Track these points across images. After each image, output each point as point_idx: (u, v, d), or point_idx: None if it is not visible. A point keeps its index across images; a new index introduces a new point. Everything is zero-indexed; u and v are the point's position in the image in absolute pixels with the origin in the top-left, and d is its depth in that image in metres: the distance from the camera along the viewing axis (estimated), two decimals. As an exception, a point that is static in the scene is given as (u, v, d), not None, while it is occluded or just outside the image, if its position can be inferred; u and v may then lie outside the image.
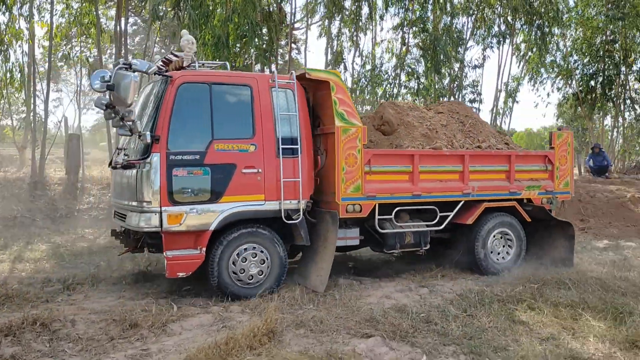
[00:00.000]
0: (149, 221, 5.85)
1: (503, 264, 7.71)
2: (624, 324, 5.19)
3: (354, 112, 6.86)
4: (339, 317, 5.46)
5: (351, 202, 6.72)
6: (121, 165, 6.15)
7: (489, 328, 5.17)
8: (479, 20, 18.00)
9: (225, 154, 6.15)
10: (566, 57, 20.39)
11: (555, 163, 8.17)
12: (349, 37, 17.79)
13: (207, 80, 6.24)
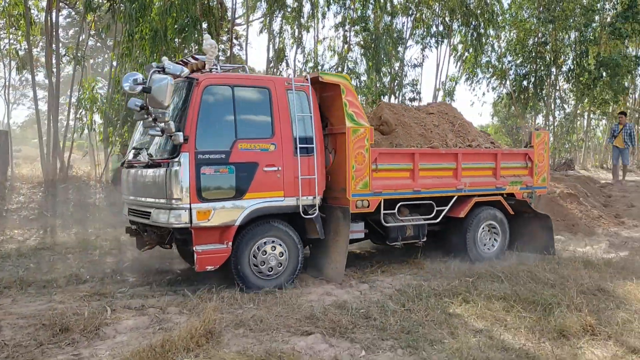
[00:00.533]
0: (179, 218, 6.07)
1: (490, 253, 8.33)
2: (552, 314, 5.41)
3: (362, 114, 7.28)
4: (279, 315, 5.44)
5: (360, 198, 7.15)
6: (146, 164, 6.45)
7: (426, 322, 5.28)
8: (418, 21, 18.36)
9: (248, 153, 6.47)
10: (500, 58, 21.11)
11: (535, 160, 8.85)
12: (291, 34, 17.76)
13: (230, 82, 6.55)
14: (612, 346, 4.72)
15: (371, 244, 9.12)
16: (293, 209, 6.75)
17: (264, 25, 17.75)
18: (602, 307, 5.77)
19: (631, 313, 5.59)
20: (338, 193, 7.18)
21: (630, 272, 7.45)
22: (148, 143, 6.82)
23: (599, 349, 4.67)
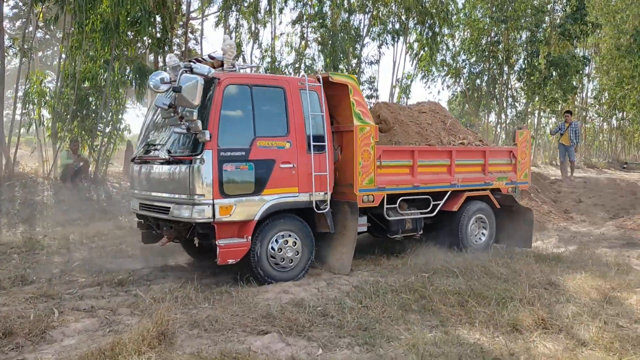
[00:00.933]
0: (202, 213, 6.22)
1: (479, 244, 8.82)
2: (505, 309, 5.50)
3: (367, 113, 7.62)
4: (235, 314, 5.34)
5: (366, 193, 7.51)
6: (166, 160, 6.62)
7: (383, 318, 5.29)
8: (374, 18, 18.46)
9: (266, 150, 6.69)
10: (455, 57, 21.49)
11: (518, 157, 9.38)
12: (247, 30, 17.56)
13: (248, 82, 6.75)
14: (563, 339, 4.83)
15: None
16: (306, 204, 7.02)
17: (220, 20, 17.49)
18: (553, 300, 5.91)
19: (580, 306, 5.74)
20: (344, 188, 7.48)
21: (579, 266, 7.67)
22: (163, 139, 7.03)
23: (550, 342, 4.77)
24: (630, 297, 6.12)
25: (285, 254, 6.85)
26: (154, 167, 7.01)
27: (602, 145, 33.46)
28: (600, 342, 4.69)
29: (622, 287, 6.55)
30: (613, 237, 10.73)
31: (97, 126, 13.84)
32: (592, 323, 5.17)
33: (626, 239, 10.48)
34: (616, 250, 9.38)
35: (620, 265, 7.81)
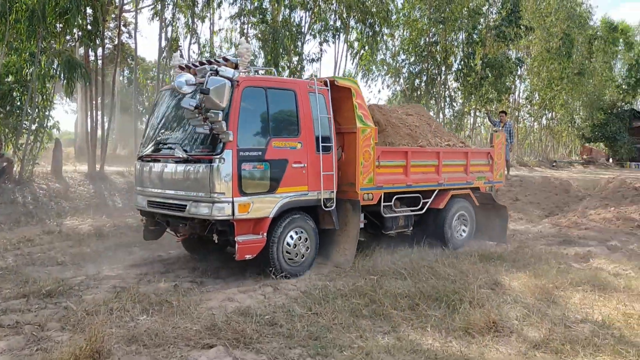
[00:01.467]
0: (222, 210, 6.42)
1: (461, 239, 9.40)
2: (456, 312, 5.44)
3: (368, 115, 7.97)
4: (176, 327, 4.99)
5: (366, 191, 7.86)
6: (184, 159, 6.73)
7: (334, 326, 5.09)
8: (316, 15, 18.30)
9: (280, 150, 6.96)
10: (395, 57, 21.67)
11: (495, 158, 10.03)
12: (184, 24, 16.98)
13: (263, 84, 6.96)
14: (515, 342, 4.80)
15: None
16: (315, 202, 7.36)
17: (155, 13, 16.81)
18: (501, 301, 5.89)
19: (527, 306, 5.77)
20: (346, 187, 7.78)
21: (522, 264, 7.77)
22: (175, 138, 7.18)
23: (503, 346, 4.72)
24: (573, 296, 6.22)
25: (299, 249, 7.19)
26: (168, 166, 7.09)
27: (533, 144, 34.84)
28: (552, 345, 4.69)
29: (564, 285, 6.65)
30: (550, 234, 11.03)
31: (22, 123, 12.95)
32: (541, 324, 5.18)
33: (562, 236, 10.78)
34: (554, 247, 9.62)
35: (561, 263, 7.99)
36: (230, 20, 17.43)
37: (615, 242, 10.22)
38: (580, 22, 31.50)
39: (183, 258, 8.32)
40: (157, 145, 7.43)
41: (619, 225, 11.63)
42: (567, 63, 27.68)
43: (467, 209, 9.54)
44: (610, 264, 8.11)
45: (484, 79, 21.13)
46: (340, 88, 7.74)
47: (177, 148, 6.86)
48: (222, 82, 6.19)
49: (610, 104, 35.74)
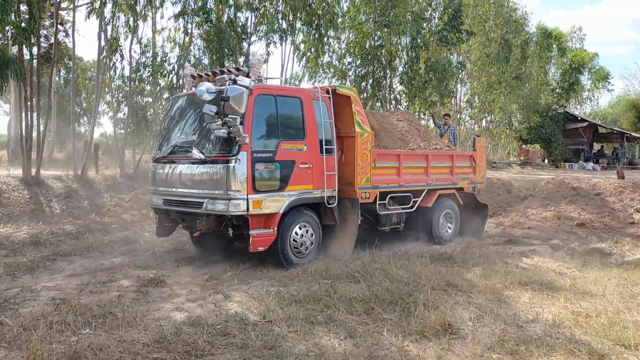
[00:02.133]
0: (238, 207, 7.16)
1: (448, 235, 10.29)
2: (412, 314, 5.40)
3: (366, 121, 8.73)
4: (122, 340, 4.71)
5: (364, 190, 8.67)
6: (201, 160, 7.45)
7: (289, 334, 4.95)
8: (262, 16, 18.09)
9: (288, 152, 7.74)
10: (341, 59, 21.72)
11: (477, 161, 10.91)
12: (125, 23, 16.36)
13: (273, 92, 7.78)
14: (470, 344, 4.80)
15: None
16: (319, 200, 8.11)
17: (92, 11, 16.12)
18: (454, 302, 5.91)
19: (480, 306, 5.81)
20: (345, 186, 8.50)
21: (471, 264, 7.89)
22: (190, 142, 7.83)
23: (459, 348, 4.71)
24: (522, 295, 6.32)
25: (304, 242, 7.94)
26: (185, 167, 7.80)
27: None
28: (506, 346, 4.71)
29: (513, 285, 6.77)
30: (495, 234, 11.29)
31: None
32: (495, 325, 5.22)
33: (507, 236, 11.06)
34: (500, 247, 9.84)
35: (508, 263, 8.15)
36: (174, 19, 16.95)
37: (557, 240, 10.57)
38: (517, 27, 32.65)
39: (127, 265, 7.96)
40: (173, 148, 8.15)
41: (560, 224, 12.04)
42: (506, 67, 28.56)
43: (452, 208, 10.39)
44: (554, 263, 8.35)
45: (428, 82, 21.49)
46: (341, 96, 8.52)
47: (194, 150, 7.62)
48: (241, 91, 6.91)
49: (546, 107, 37.14)
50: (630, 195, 12.77)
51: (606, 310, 5.71)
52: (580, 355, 4.47)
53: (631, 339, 4.77)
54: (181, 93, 9.16)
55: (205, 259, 8.48)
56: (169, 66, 16.53)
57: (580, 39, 44.58)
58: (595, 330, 5.06)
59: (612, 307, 5.84)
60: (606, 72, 44.56)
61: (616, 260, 8.58)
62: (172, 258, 8.65)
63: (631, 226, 11.49)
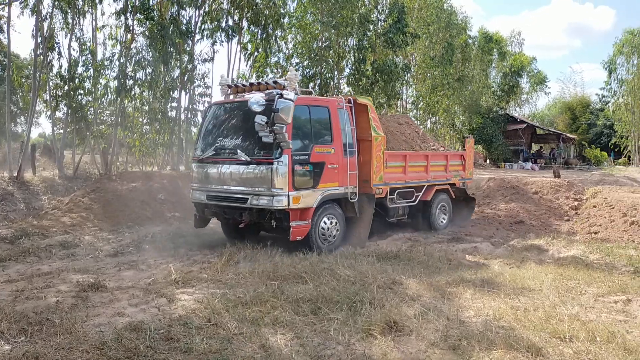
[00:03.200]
0: (281, 202, 8.35)
1: (443, 224, 11.79)
2: (358, 313, 5.44)
3: (379, 126, 10.09)
4: (60, 348, 4.53)
5: (378, 187, 10.05)
6: (247, 162, 8.59)
7: (235, 336, 4.88)
8: (207, 14, 17.82)
9: (320, 155, 8.98)
10: (288, 59, 21.65)
11: (467, 159, 12.47)
12: (63, 19, 15.76)
13: (307, 102, 9.04)
14: (415, 341, 4.88)
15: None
16: (343, 195, 9.35)
17: (25, 5, 15.45)
18: (400, 300, 6.00)
19: (424, 304, 5.92)
20: (362, 183, 9.71)
21: (417, 263, 8.02)
22: (233, 145, 8.96)
23: (404, 345, 4.78)
24: (465, 292, 6.48)
25: (331, 232, 9.18)
26: (229, 167, 8.91)
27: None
28: (449, 341, 4.81)
29: (456, 282, 6.94)
30: (440, 232, 11.53)
31: None
32: (438, 321, 5.33)
33: (451, 234, 11.32)
34: (444, 245, 10.06)
35: (451, 260, 8.33)
36: (115, 16, 16.45)
37: (497, 238, 10.90)
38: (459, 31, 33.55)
39: (66, 270, 7.66)
40: (216, 150, 9.18)
41: (500, 222, 12.43)
42: (449, 70, 29.28)
43: (446, 201, 11.90)
44: (495, 259, 8.61)
45: (375, 83, 21.71)
46: (359, 105, 9.81)
47: (239, 153, 8.72)
48: (288, 104, 8.09)
49: (487, 109, 38.28)
50: (566, 193, 13.33)
51: (543, 304, 5.93)
52: (519, 349, 4.61)
53: (566, 331, 4.97)
54: (219, 100, 10.11)
55: (148, 262, 8.28)
56: (110, 64, 16.04)
57: (519, 44, 46.30)
58: (533, 324, 5.23)
59: (549, 301, 6.08)
60: (543, 75, 46.23)
61: (552, 256, 8.92)
62: (114, 262, 8.40)
63: (566, 223, 12.00)
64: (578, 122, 47.58)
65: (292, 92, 8.43)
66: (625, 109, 35.57)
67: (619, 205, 11.34)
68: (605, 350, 4.59)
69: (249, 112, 8.40)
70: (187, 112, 17.94)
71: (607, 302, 6.22)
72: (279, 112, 7.98)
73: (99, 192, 12.94)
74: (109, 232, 11.02)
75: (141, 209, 12.47)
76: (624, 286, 6.82)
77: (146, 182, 13.89)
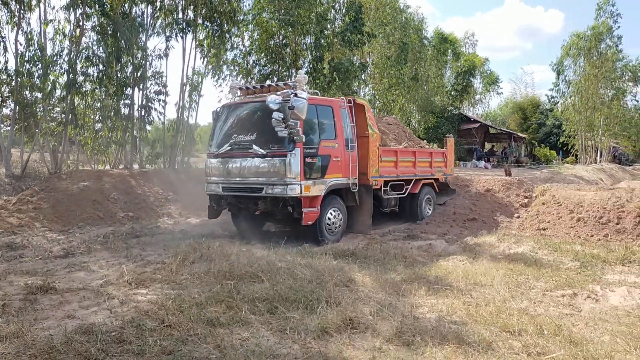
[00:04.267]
0: (294, 190, 9.32)
1: (429, 215, 12.93)
2: (314, 312, 5.45)
3: (375, 124, 11.19)
4: (6, 353, 4.37)
5: (374, 179, 11.03)
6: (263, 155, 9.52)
7: (189, 337, 4.82)
8: (160, 10, 17.48)
9: (327, 149, 9.98)
10: (245, 57, 21.47)
11: (448, 157, 13.86)
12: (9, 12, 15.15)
13: (315, 102, 9.95)
14: (370, 337, 4.93)
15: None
16: (345, 185, 10.39)
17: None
18: (356, 298, 6.05)
19: (380, 301, 5.99)
20: (359, 176, 10.66)
21: (372, 260, 8.12)
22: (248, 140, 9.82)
23: (360, 342, 4.83)
24: (419, 289, 6.59)
25: (336, 223, 10.22)
26: (245, 160, 9.86)
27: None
28: (403, 337, 4.89)
29: (411, 279, 7.05)
30: (396, 230, 11.70)
31: None
32: (393, 317, 5.41)
33: (406, 231, 11.50)
34: (400, 242, 10.20)
35: (407, 258, 8.47)
36: (66, 10, 15.90)
37: (451, 235, 11.13)
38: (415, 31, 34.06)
39: (13, 272, 7.39)
40: (231, 146, 10.09)
41: (454, 219, 12.69)
42: (404, 69, 29.69)
43: (431, 193, 13.15)
44: (449, 256, 8.79)
45: (332, 82, 21.78)
46: (357, 104, 10.93)
47: (254, 147, 9.62)
48: (303, 102, 8.96)
49: (442, 108, 39.01)
50: (516, 191, 13.72)
51: (494, 299, 6.10)
52: (470, 343, 4.73)
53: (515, 325, 5.13)
54: (231, 102, 11.10)
55: (100, 263, 8.08)
56: (60, 60, 15.53)
57: (473, 45, 47.23)
58: (484, 319, 5.37)
59: (500, 296, 6.26)
60: (496, 76, 47.43)
61: (503, 253, 9.17)
62: (64, 263, 8.17)
63: (517, 220, 12.35)
64: (529, 122, 49.11)
65: (304, 92, 9.27)
66: (573, 109, 36.89)
67: (566, 202, 11.75)
68: (552, 343, 4.75)
69: (264, 110, 9.38)
70: (140, 110, 17.57)
71: (554, 297, 6.45)
72: (294, 109, 8.81)
73: (49, 191, 12.53)
74: (59, 232, 10.70)
75: (93, 209, 12.15)
76: (571, 281, 7.08)
77: (98, 181, 13.53)
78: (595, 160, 37.06)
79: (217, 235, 10.92)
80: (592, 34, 35.18)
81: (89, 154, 17.26)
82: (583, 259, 8.45)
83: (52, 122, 16.84)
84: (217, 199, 10.56)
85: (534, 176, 21.69)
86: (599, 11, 35.60)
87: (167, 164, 18.41)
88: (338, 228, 10.25)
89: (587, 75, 35.69)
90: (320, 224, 9.84)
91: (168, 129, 19.49)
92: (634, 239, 10.02)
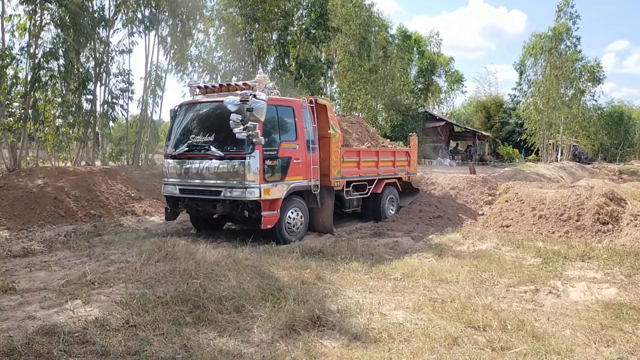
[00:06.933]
0: (253, 193, 9.09)
1: (392, 214, 12.88)
2: (282, 309, 5.44)
3: (337, 125, 11.15)
4: (-38, 357, 4.22)
5: (336, 180, 10.90)
6: (221, 157, 9.26)
7: (155, 337, 4.75)
8: (123, 3, 17.12)
9: (287, 150, 9.79)
10: (210, 53, 21.24)
11: (411, 155, 13.83)
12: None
13: (275, 103, 9.67)
14: (337, 335, 4.94)
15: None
16: (306, 187, 10.25)
17: None
18: (323, 295, 6.07)
19: (347, 298, 6.03)
20: (321, 177, 10.57)
21: (339, 258, 8.14)
22: (205, 142, 9.53)
23: (327, 340, 4.84)
24: (386, 285, 6.66)
25: (296, 223, 10.03)
26: (202, 162, 9.52)
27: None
28: (371, 334, 4.93)
29: (378, 276, 7.12)
30: (363, 227, 11.76)
31: None
32: (360, 314, 5.44)
33: (373, 229, 11.56)
34: (367, 239, 10.26)
35: (373, 255, 8.53)
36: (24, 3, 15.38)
37: (417, 232, 11.26)
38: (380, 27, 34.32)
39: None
40: (189, 147, 9.74)
41: (420, 216, 12.83)
42: (365, 64, 29.91)
43: (394, 193, 13.12)
44: (415, 253, 8.88)
45: (298, 79, 21.73)
46: (319, 105, 10.73)
47: (212, 149, 9.35)
48: (262, 104, 8.65)
49: (407, 106, 39.41)
50: (481, 189, 13.96)
51: (459, 295, 6.20)
52: (436, 339, 4.80)
53: (480, 321, 5.22)
54: (189, 100, 10.65)
55: (61, 262, 7.87)
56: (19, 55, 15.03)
57: (437, 44, 47.83)
58: (450, 315, 5.46)
59: (465, 292, 6.37)
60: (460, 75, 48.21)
61: (468, 249, 9.33)
62: (24, 262, 7.94)
63: (481, 217, 12.58)
64: (492, 121, 50.08)
65: (263, 93, 8.94)
66: (534, 108, 37.78)
67: (528, 200, 12.01)
68: (516, 337, 4.86)
69: (222, 111, 9.08)
70: (103, 106, 17.20)
71: (517, 292, 6.60)
72: (253, 111, 8.52)
73: (7, 189, 12.13)
74: (18, 231, 10.38)
75: (53, 207, 11.83)
76: (533, 277, 7.26)
77: (59, 178, 13.18)
78: (556, 159, 38.05)
79: (182, 233, 10.79)
80: (552, 34, 36.11)
81: (50, 150, 16.79)
82: (545, 255, 8.67)
83: (10, 118, 16.31)
84: (174, 200, 10.26)
85: (497, 174, 22.13)
86: (559, 13, 36.64)
87: (131, 161, 18.07)
88: (300, 227, 10.08)
89: (548, 76, 36.61)
90: (280, 227, 9.63)
91: (131, 125, 19.13)
92: (592, 235, 10.33)
